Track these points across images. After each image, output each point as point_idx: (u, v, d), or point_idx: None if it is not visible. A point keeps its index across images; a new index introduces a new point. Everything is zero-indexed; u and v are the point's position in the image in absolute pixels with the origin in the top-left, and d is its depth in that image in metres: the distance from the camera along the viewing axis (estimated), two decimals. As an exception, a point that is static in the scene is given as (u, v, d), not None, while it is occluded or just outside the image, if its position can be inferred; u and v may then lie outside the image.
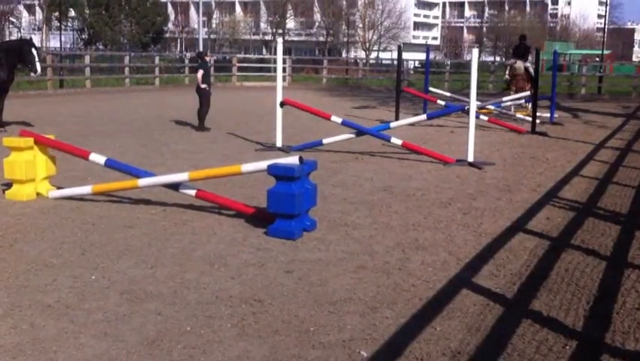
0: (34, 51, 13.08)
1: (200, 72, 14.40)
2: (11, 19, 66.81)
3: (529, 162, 10.70)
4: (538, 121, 15.09)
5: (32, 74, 13.53)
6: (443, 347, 3.88)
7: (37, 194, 7.42)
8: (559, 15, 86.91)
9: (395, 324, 4.21)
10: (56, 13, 47.10)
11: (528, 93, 16.71)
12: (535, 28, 74.68)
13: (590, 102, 24.38)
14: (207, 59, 14.92)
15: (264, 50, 65.85)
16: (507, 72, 18.88)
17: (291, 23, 71.04)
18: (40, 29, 63.12)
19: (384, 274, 5.18)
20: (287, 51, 52.95)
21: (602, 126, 16.65)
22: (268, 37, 66.24)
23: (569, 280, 5.08)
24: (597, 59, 43.45)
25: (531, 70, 18.06)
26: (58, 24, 40.07)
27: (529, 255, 5.71)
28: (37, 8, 67.70)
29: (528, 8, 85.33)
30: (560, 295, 4.74)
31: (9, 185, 7.55)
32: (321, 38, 64.96)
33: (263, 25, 72.60)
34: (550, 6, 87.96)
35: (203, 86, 14.21)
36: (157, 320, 4.20)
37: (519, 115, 16.77)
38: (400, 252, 5.76)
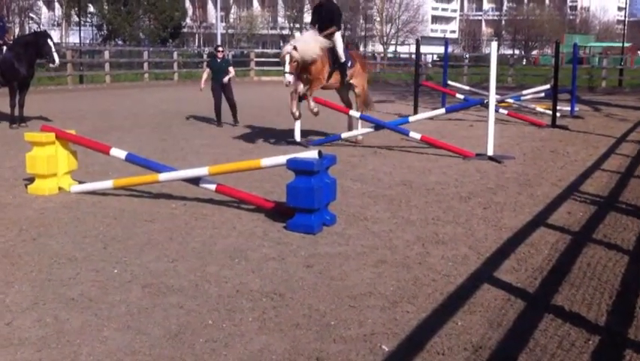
0: (50, 42, 13.20)
1: (206, 72, 14.44)
2: (31, 15, 67.29)
3: (549, 156, 10.62)
4: (558, 114, 14.97)
5: (51, 64, 13.64)
6: (464, 342, 3.87)
7: (59, 188, 7.49)
8: (578, 7, 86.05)
9: (416, 318, 4.21)
10: (75, 9, 47.40)
11: (547, 87, 16.46)
12: (555, 21, 74.05)
13: (611, 95, 24.17)
14: (219, 55, 14.68)
15: (282, 45, 65.92)
16: (286, 68, 10.11)
17: (308, 17, 70.95)
18: (59, 25, 63.55)
19: (405, 268, 5.18)
20: (304, 45, 52.77)
21: (623, 119, 16.49)
22: (286, 32, 66.24)
23: (591, 274, 5.04)
24: None
25: (340, 52, 10.88)
26: (78, 20, 40.33)
27: (551, 249, 5.68)
28: (57, 4, 68.19)
29: (547, 1, 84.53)
30: (582, 290, 4.70)
31: (31, 180, 7.63)
32: (339, 32, 64.85)
33: (280, 20, 72.61)
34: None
35: (226, 81, 14.10)
36: (179, 314, 4.23)
37: (539, 109, 16.64)
38: (420, 246, 5.75)
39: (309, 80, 10.67)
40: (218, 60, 14.43)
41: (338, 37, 10.94)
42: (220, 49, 14.99)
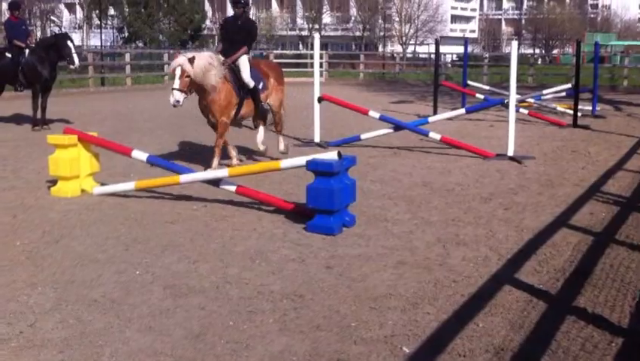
0: (69, 43, 13.31)
1: None
2: (52, 18, 68.01)
3: (570, 156, 10.54)
4: (579, 114, 14.83)
5: (71, 66, 13.73)
6: (486, 344, 3.85)
7: (82, 190, 7.55)
8: (599, 6, 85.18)
9: (437, 320, 4.20)
10: (96, 12, 47.83)
11: (568, 86, 16.35)
12: (576, 20, 73.41)
13: (633, 94, 23.87)
14: None
15: (301, 46, 65.93)
16: (175, 84, 8.15)
17: (327, 18, 70.98)
18: (80, 28, 64.18)
19: (425, 269, 5.16)
20: (323, 46, 52.93)
21: (645, 119, 16.30)
22: (304, 33, 66.31)
23: (613, 275, 5.00)
24: None
25: (246, 78, 8.94)
26: (99, 22, 40.70)
27: (573, 250, 5.63)
28: (78, 7, 68.87)
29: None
30: (605, 292, 4.67)
31: (54, 182, 7.70)
32: (358, 33, 64.78)
33: (299, 21, 72.63)
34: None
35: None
36: (200, 315, 4.26)
37: (560, 108, 16.50)
38: (441, 247, 5.73)
39: (210, 120, 8.92)
40: None
41: (244, 60, 9.07)
42: None
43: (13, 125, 14.11)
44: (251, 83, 8.98)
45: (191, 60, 8.17)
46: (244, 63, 9.05)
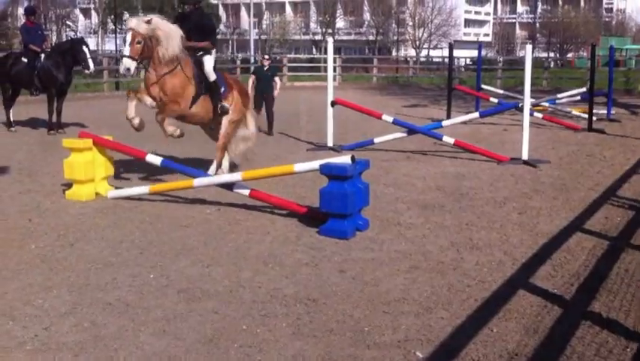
0: (85, 48, 13.43)
1: (252, 79, 14.13)
2: (68, 23, 68.47)
3: (585, 160, 10.47)
4: (594, 118, 14.75)
5: (86, 71, 13.84)
6: (500, 349, 3.84)
7: (96, 194, 7.60)
8: (614, 10, 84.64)
9: (450, 325, 4.19)
10: (111, 17, 48.11)
11: (583, 90, 16.26)
12: (590, 23, 72.99)
13: (649, 98, 23.70)
14: (265, 62, 14.37)
15: (314, 50, 65.98)
16: (126, 50, 7.97)
17: (340, 23, 71.00)
18: (95, 33, 64.57)
19: (439, 274, 5.15)
20: (337, 50, 52.97)
21: (661, 123, 16.18)
22: (318, 37, 66.37)
23: (629, 280, 4.96)
24: None
25: (208, 69, 8.42)
26: (114, 27, 40.93)
27: (588, 255, 5.60)
28: (93, 12, 69.37)
29: (582, 3, 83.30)
30: (620, 297, 4.63)
31: (69, 185, 7.75)
32: (371, 37, 64.75)
33: (313, 25, 72.75)
34: (605, 0, 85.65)
35: (275, 95, 13.81)
36: (214, 319, 4.27)
37: (575, 112, 16.41)
38: (454, 252, 5.72)
39: (161, 99, 8.19)
40: (265, 68, 14.22)
41: (208, 57, 8.48)
42: (266, 57, 14.77)
43: (29, 130, 14.23)
44: (212, 76, 8.30)
45: (148, 22, 7.62)
46: (209, 58, 8.45)
